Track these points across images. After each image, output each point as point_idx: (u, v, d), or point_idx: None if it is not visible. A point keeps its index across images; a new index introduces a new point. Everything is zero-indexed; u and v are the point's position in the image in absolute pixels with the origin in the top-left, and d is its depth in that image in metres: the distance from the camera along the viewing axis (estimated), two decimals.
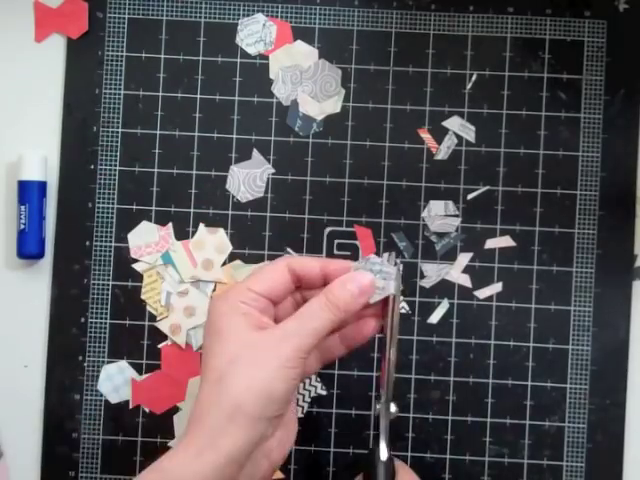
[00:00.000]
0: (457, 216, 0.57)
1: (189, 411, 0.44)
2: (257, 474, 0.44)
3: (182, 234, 0.57)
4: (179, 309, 0.57)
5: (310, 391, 0.57)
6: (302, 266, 0.46)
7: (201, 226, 0.57)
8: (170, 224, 0.57)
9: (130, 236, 0.57)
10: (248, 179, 0.57)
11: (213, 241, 0.57)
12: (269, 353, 0.43)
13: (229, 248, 0.57)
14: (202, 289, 0.57)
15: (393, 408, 0.48)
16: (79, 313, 0.57)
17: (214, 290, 0.57)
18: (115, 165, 0.57)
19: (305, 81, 0.57)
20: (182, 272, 0.57)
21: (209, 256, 0.57)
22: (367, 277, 0.45)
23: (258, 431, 0.42)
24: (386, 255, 0.56)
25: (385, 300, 0.46)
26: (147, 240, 0.57)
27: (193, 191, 0.57)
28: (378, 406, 0.48)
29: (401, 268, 0.49)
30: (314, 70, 0.57)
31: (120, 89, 0.57)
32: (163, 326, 0.57)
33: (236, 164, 0.57)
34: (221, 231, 0.57)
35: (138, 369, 0.57)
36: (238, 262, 0.57)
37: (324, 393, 0.57)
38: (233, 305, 0.44)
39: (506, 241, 0.57)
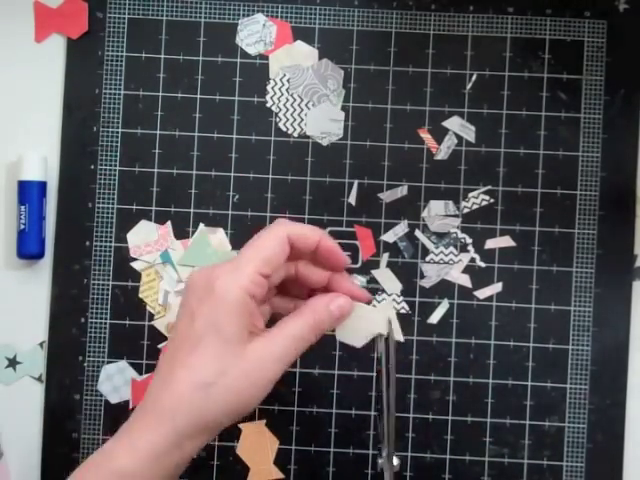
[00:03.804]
0: (457, 216, 0.57)
1: (149, 391, 0.43)
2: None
3: (182, 234, 0.57)
4: (176, 308, 0.56)
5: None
6: (302, 238, 0.45)
7: (201, 226, 0.57)
8: (169, 222, 0.57)
9: (129, 235, 0.57)
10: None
11: (213, 239, 0.57)
12: (259, 371, 0.43)
13: (228, 248, 0.57)
14: None
15: (395, 461, 0.49)
16: (79, 313, 0.57)
17: None
18: (115, 165, 0.57)
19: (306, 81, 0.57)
20: (180, 271, 0.57)
21: None
22: (347, 300, 0.46)
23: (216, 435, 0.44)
24: (386, 301, 0.56)
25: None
26: (146, 239, 0.57)
27: (193, 191, 0.57)
28: (380, 460, 0.49)
29: (393, 314, 0.48)
30: (316, 70, 0.57)
31: (120, 89, 0.57)
32: (160, 325, 0.57)
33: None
34: (220, 231, 0.57)
35: (138, 369, 0.57)
36: None
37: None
38: (244, 299, 0.43)
39: (506, 241, 0.57)
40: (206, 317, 0.43)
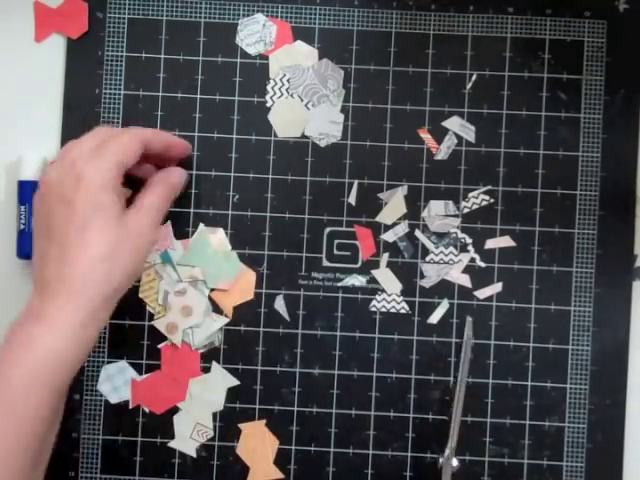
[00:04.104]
0: (457, 216, 0.57)
1: (44, 271, 0.48)
2: None
3: (182, 234, 0.57)
4: (176, 308, 0.57)
5: None
6: (154, 142, 0.52)
7: (201, 226, 0.57)
8: (169, 222, 0.57)
9: None
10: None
11: (212, 240, 0.57)
12: (141, 243, 0.50)
13: (228, 248, 0.57)
14: (200, 288, 0.57)
15: (455, 462, 0.53)
16: None
17: (212, 290, 0.57)
18: None
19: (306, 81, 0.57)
20: (180, 271, 0.57)
21: None
22: (180, 172, 0.55)
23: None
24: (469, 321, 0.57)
25: None
26: None
27: (193, 191, 0.57)
28: (441, 460, 0.54)
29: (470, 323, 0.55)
30: (316, 70, 0.57)
31: (120, 89, 0.57)
32: (160, 325, 0.57)
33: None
34: (220, 231, 0.57)
35: (138, 369, 0.57)
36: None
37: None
38: (112, 183, 0.49)
39: (506, 241, 0.57)
40: (87, 199, 0.48)
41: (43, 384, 0.46)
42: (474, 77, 0.58)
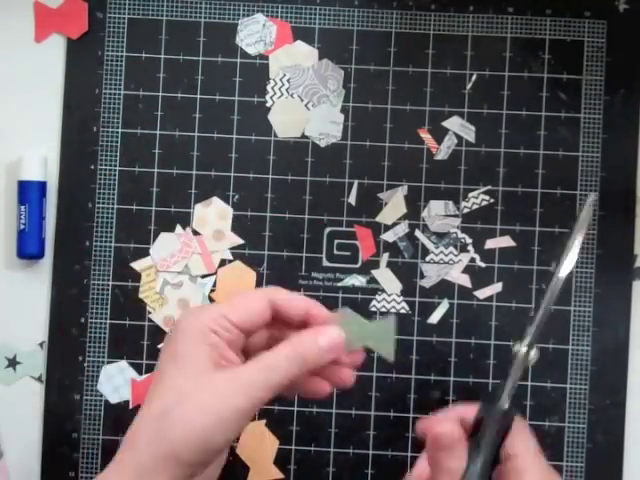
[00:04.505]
0: (457, 216, 0.57)
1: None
2: None
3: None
4: (173, 301, 0.57)
5: None
6: (287, 304, 0.44)
7: (197, 206, 0.57)
8: (188, 229, 0.57)
9: (152, 252, 0.57)
10: None
11: (212, 211, 0.57)
12: (219, 401, 0.40)
13: (230, 211, 0.57)
14: (195, 281, 0.57)
15: (534, 354, 0.43)
16: (79, 313, 0.57)
17: (213, 287, 0.57)
18: (115, 165, 0.57)
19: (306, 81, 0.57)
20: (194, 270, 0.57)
21: (215, 227, 0.57)
22: (339, 334, 0.43)
23: (188, 473, 0.41)
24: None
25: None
26: (170, 250, 0.57)
27: (193, 191, 0.57)
28: (516, 347, 0.44)
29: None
30: (316, 70, 0.57)
31: (120, 89, 0.57)
32: (157, 318, 0.57)
33: None
34: (214, 199, 0.57)
35: (138, 369, 0.57)
36: (238, 262, 0.57)
37: None
38: (202, 331, 0.42)
39: (506, 241, 0.57)
40: (167, 352, 0.42)
41: None
42: (474, 77, 0.58)
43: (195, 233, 0.57)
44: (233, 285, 0.57)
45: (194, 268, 0.57)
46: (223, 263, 0.57)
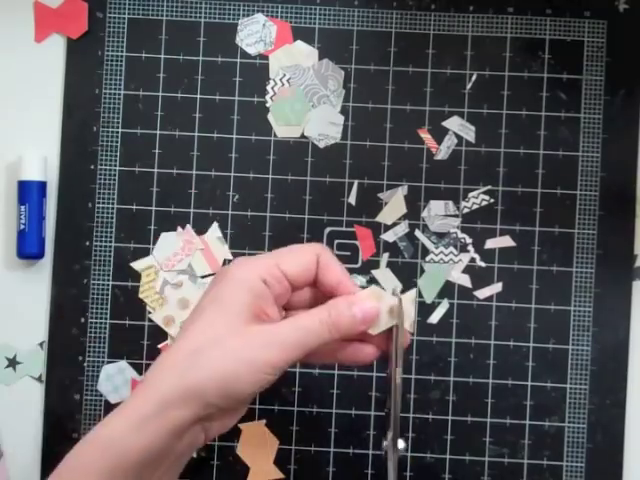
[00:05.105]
0: (457, 216, 0.57)
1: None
2: (191, 445, 0.43)
3: None
4: (173, 301, 0.57)
5: None
6: (326, 267, 0.45)
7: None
8: (188, 226, 0.57)
9: (154, 251, 0.57)
10: None
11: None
12: (251, 353, 0.41)
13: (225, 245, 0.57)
14: (195, 281, 0.57)
15: (401, 444, 0.45)
16: (79, 313, 0.57)
17: None
18: (115, 165, 0.57)
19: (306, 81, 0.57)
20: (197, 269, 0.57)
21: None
22: (374, 306, 0.44)
23: (208, 412, 0.42)
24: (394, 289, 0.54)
25: (390, 333, 0.45)
26: (172, 249, 0.57)
27: (193, 191, 0.57)
28: (385, 442, 0.45)
29: (413, 299, 0.46)
30: (316, 70, 0.57)
31: (120, 89, 0.57)
32: (157, 318, 0.57)
33: None
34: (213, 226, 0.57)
35: (138, 369, 0.57)
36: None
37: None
38: (252, 279, 0.43)
39: (506, 241, 0.57)
40: (213, 293, 0.43)
41: (90, 466, 0.42)
42: (474, 77, 0.58)
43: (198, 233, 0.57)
44: None
45: (197, 267, 0.57)
46: (224, 264, 0.57)
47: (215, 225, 0.57)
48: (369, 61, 0.58)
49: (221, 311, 0.42)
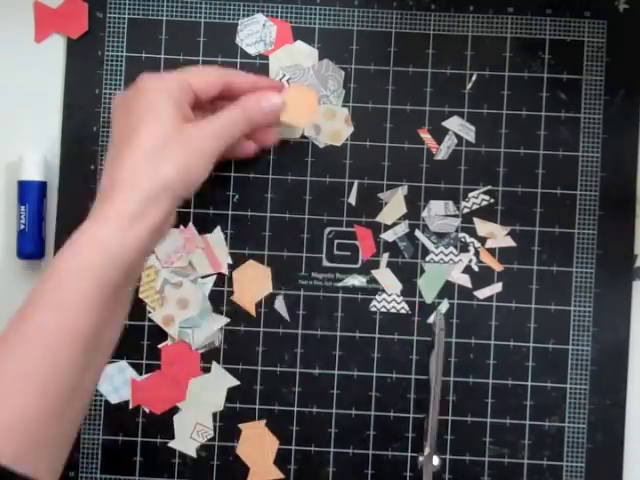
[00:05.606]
0: (457, 216, 0.57)
1: (106, 171, 0.47)
2: (152, 248, 0.51)
3: None
4: (172, 301, 0.57)
5: None
6: (237, 77, 0.53)
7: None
8: (190, 224, 0.57)
9: (156, 249, 0.57)
10: None
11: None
12: (197, 145, 0.48)
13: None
14: (196, 281, 0.57)
15: (436, 461, 0.50)
16: None
17: (214, 287, 0.57)
18: None
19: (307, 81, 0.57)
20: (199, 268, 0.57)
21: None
22: (278, 98, 0.52)
23: (174, 207, 0.48)
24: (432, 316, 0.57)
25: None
26: (174, 247, 0.57)
27: None
28: (421, 458, 0.51)
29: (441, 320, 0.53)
30: (317, 70, 0.57)
31: (120, 89, 0.57)
32: (157, 317, 0.57)
33: None
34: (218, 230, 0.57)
35: (138, 369, 0.57)
36: (251, 262, 0.57)
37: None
38: (170, 88, 0.48)
39: (506, 241, 0.57)
40: (142, 105, 0.48)
41: (89, 276, 0.44)
42: (474, 77, 0.58)
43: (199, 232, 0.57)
44: (250, 284, 0.57)
45: (199, 267, 0.57)
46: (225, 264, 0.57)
47: (218, 227, 0.57)
48: (369, 61, 0.58)
49: (160, 119, 0.47)
